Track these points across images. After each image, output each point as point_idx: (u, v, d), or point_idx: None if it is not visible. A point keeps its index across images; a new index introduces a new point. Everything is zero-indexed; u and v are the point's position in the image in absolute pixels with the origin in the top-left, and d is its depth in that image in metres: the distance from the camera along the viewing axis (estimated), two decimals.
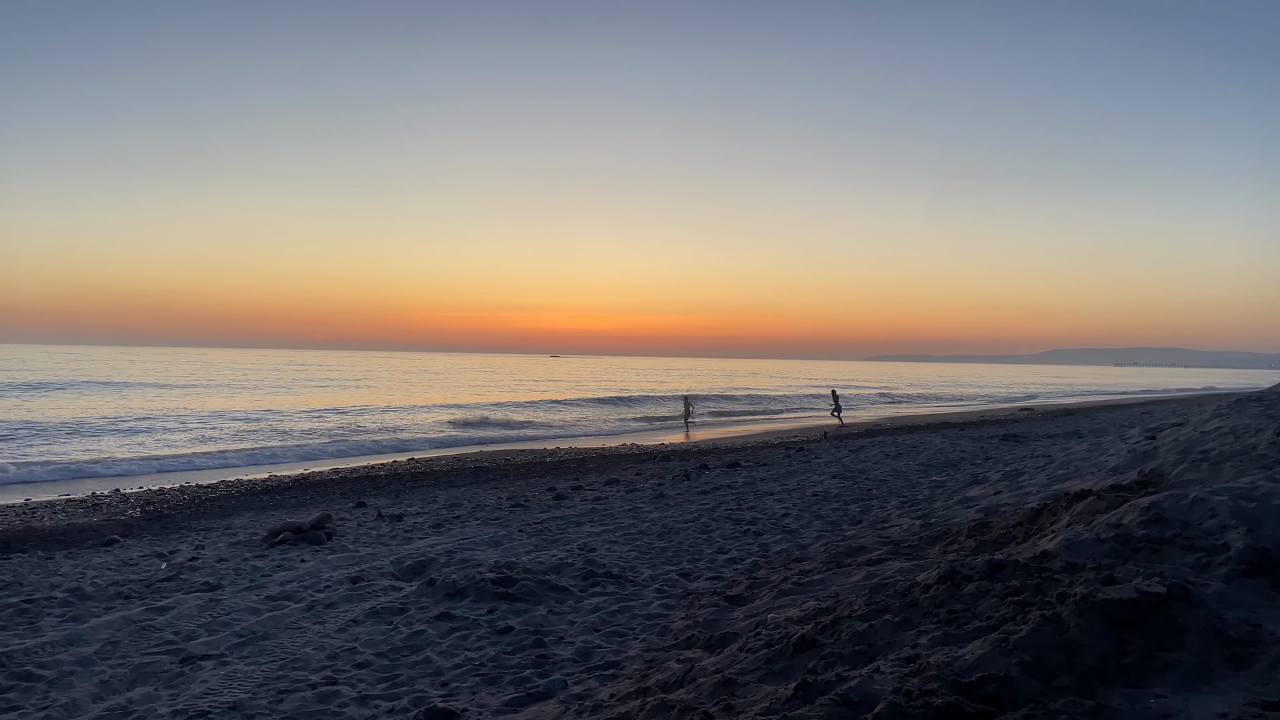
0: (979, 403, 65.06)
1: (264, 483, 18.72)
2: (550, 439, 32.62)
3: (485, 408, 46.48)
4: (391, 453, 26.92)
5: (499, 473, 19.83)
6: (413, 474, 19.97)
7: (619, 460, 22.47)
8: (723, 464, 18.11)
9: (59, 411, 35.94)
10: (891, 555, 7.20)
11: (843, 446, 21.47)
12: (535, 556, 8.63)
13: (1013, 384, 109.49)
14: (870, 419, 43.39)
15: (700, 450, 24.87)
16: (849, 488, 13.02)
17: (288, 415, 39.19)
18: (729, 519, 10.66)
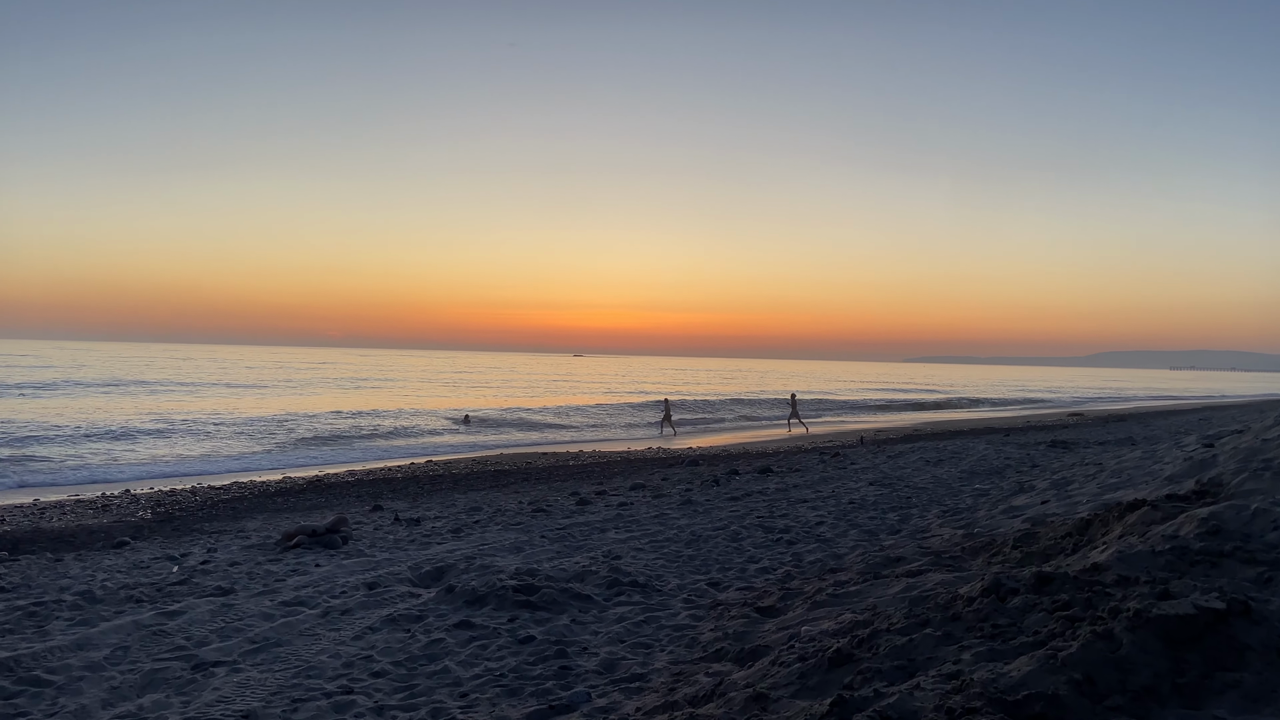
0: (1025, 407, 64.43)
1: (277, 484, 18.92)
2: (573, 442, 32.70)
3: (506, 409, 46.69)
4: (409, 455, 27.11)
5: (519, 476, 19.91)
6: (431, 477, 20.10)
7: (645, 464, 22.47)
8: (754, 469, 18.07)
9: (68, 411, 36.55)
10: (932, 566, 7.15)
11: (880, 452, 21.35)
12: (558, 563, 8.66)
13: (1061, 387, 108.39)
14: (909, 424, 43.09)
15: (730, 455, 24.83)
16: (887, 495, 12.94)
17: (302, 415, 39.57)
18: (760, 527, 10.63)
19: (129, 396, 46.86)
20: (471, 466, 22.48)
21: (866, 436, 31.20)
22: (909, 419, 48.68)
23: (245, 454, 25.62)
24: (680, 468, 20.16)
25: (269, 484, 19.04)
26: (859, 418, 50.92)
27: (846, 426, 41.48)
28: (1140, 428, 28.08)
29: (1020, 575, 4.92)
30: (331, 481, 19.43)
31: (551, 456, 25.39)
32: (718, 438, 35.59)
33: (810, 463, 19.45)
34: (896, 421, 46.03)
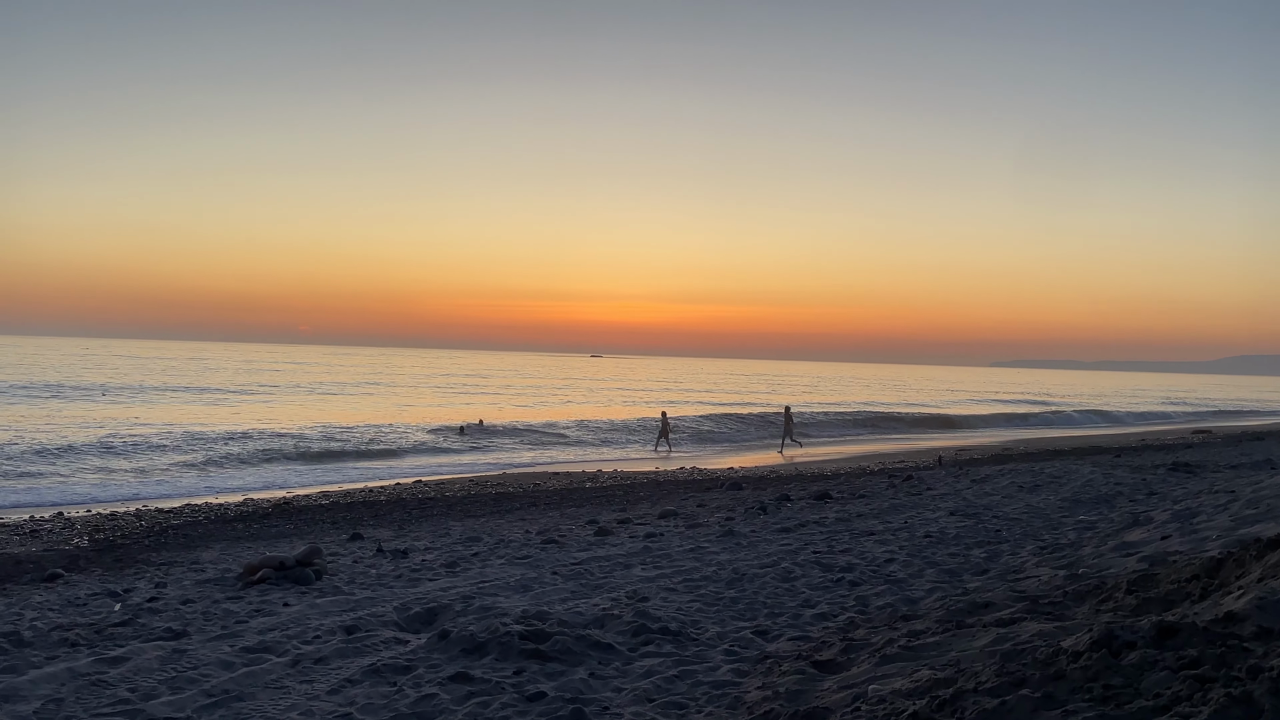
0: (1139, 422, 63.88)
1: (238, 508, 19.09)
2: (590, 460, 32.76)
3: (510, 420, 46.86)
4: (394, 474, 27.25)
5: (527, 500, 19.97)
6: (420, 500, 20.20)
7: (676, 487, 22.46)
8: (809, 494, 18.02)
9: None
10: (1028, 614, 7.09)
11: (962, 476, 21.23)
12: (573, 605, 8.66)
13: (1183, 398, 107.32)
14: (998, 441, 42.82)
15: (780, 477, 24.77)
16: (971, 528, 12.86)
17: (267, 426, 39.90)
18: (817, 564, 10.59)
19: (58, 401, 47.43)
20: (469, 488, 22.57)
21: (945, 456, 31.05)
22: (996, 437, 48.35)
23: (199, 472, 25.87)
24: (719, 492, 20.14)
25: (228, 507, 19.22)
26: (929, 435, 50.74)
27: (920, 444, 41.31)
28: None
29: (1137, 626, 4.87)
30: (302, 505, 19.58)
31: (564, 477, 25.45)
32: (761, 455, 35.54)
33: (877, 487, 19.36)
34: (981, 439, 45.75)
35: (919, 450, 36.61)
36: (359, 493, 21.74)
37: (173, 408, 47.64)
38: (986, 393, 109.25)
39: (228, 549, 14.18)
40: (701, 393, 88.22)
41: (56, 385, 58.24)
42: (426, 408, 55.98)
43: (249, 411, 47.19)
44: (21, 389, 53.33)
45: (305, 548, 11.10)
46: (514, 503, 19.56)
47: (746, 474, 26.10)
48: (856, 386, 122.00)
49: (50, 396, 50.01)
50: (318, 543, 13.52)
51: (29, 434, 31.62)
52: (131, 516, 17.75)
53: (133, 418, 40.73)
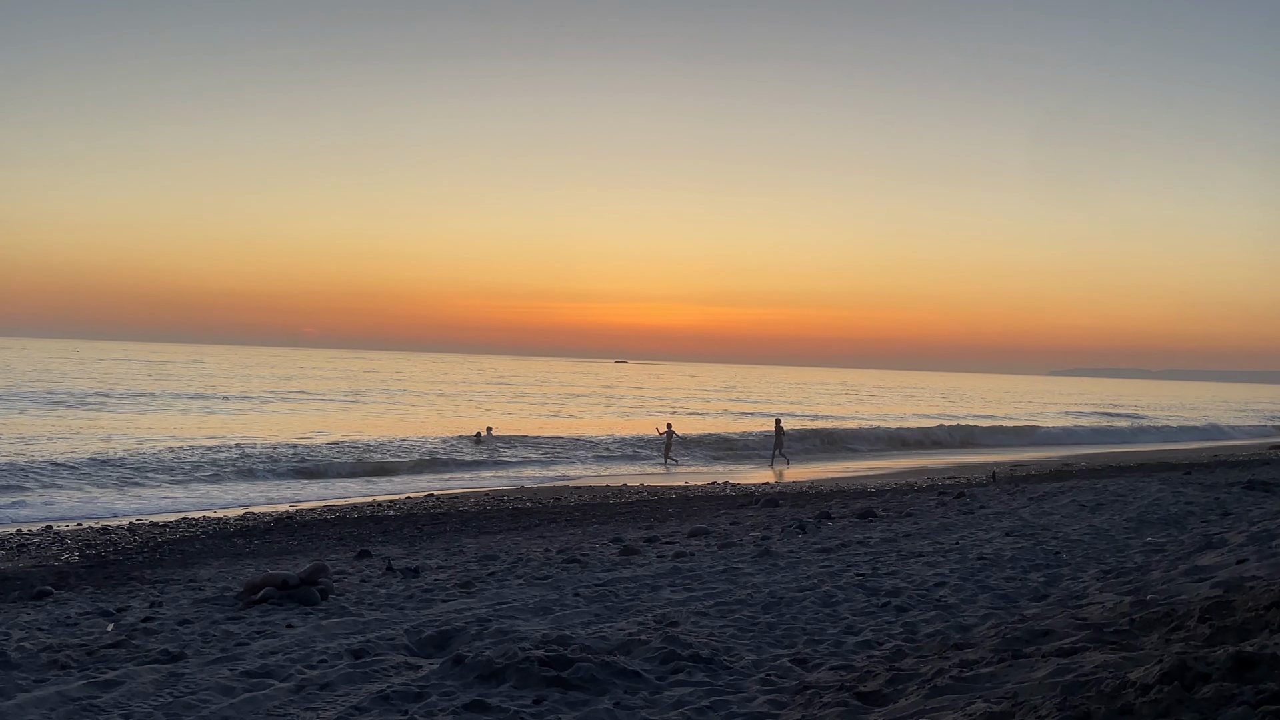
0: (1211, 436, 63.25)
1: (237, 522, 19.22)
2: (614, 474, 32.76)
3: (529, 430, 46.95)
4: (404, 486, 27.35)
5: (546, 516, 20.00)
6: (432, 515, 20.27)
7: (708, 504, 22.43)
8: (851, 512, 17.95)
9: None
10: (1091, 643, 7.04)
11: (1019, 493, 21.09)
12: (597, 629, 8.66)
13: (1260, 409, 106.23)
14: (1057, 456, 42.55)
15: (819, 493, 24.69)
16: (1028, 549, 12.77)
17: (268, 435, 40.16)
18: (860, 587, 10.54)
19: (45, 407, 47.87)
20: (484, 503, 22.62)
21: (1000, 472, 30.87)
22: (1056, 452, 48.04)
23: (197, 484, 26.04)
24: (754, 509, 20.10)
25: (227, 521, 19.34)
26: (981, 450, 50.49)
27: (972, 459, 41.08)
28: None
29: (1212, 657, 4.82)
30: (306, 519, 19.68)
31: (587, 492, 25.47)
32: (799, 470, 35.43)
33: (926, 505, 19.27)
34: (1039, 454, 45.46)
35: (971, 465, 36.40)
36: (367, 507, 21.84)
37: (168, 416, 48.01)
38: (1048, 402, 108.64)
39: (227, 566, 14.27)
40: (732, 402, 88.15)
41: (50, 391, 58.86)
42: (439, 416, 56.20)
43: (250, 420, 47.51)
44: (14, 396, 53.83)
45: (310, 565, 11.14)
46: (533, 519, 19.59)
47: (783, 490, 26.05)
48: (903, 397, 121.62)
49: (51, 405, 50.53)
50: (323, 560, 13.58)
51: (19, 443, 31.97)
52: (125, 531, 17.90)
53: (129, 425, 41.08)
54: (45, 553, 15.60)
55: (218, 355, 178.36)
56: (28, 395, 54.21)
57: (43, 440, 33.80)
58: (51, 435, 35.84)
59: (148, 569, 14.10)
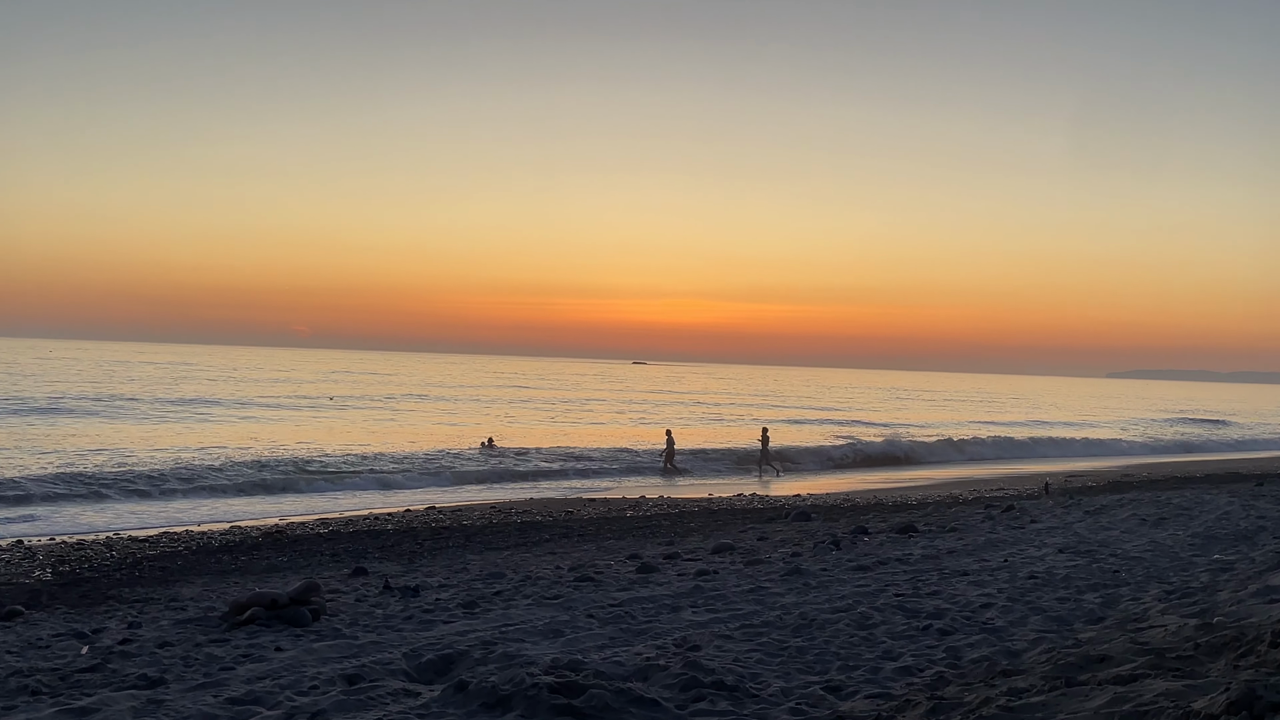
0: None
1: (223, 537, 19.29)
2: (631, 483, 32.77)
3: (538, 438, 47.01)
4: (402, 498, 27.41)
5: (557, 530, 20.02)
6: (433, 529, 20.31)
7: (733, 517, 22.42)
8: (890, 527, 17.92)
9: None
10: (1151, 670, 7.01)
11: (1073, 506, 21.01)
12: (611, 654, 8.66)
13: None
14: (1116, 467, 42.39)
15: (855, 506, 24.65)
16: (1084, 567, 12.72)
17: (256, 442, 40.33)
18: (899, 608, 10.52)
19: (9, 414, 48.04)
20: (489, 515, 22.65)
21: (1052, 483, 30.76)
22: (1113, 462, 47.89)
23: (179, 495, 26.16)
24: (784, 523, 20.08)
25: (211, 536, 19.42)
26: (1031, 460, 50.35)
27: (1021, 469, 40.97)
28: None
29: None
30: (297, 534, 19.75)
31: (602, 504, 25.49)
32: (836, 479, 35.39)
33: (971, 519, 19.22)
34: (1095, 463, 45.30)
35: (1020, 476, 36.30)
36: (362, 520, 21.90)
37: (149, 423, 48.24)
38: (1106, 409, 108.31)
39: (211, 584, 14.32)
40: (762, 408, 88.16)
41: (50, 399, 59.24)
42: (438, 422, 56.33)
43: (235, 428, 47.71)
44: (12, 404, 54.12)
45: (301, 583, 11.19)
46: (543, 533, 19.61)
47: (816, 502, 26.00)
48: (948, 402, 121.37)
49: (44, 404, 50.85)
50: (315, 578, 13.62)
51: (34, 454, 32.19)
52: (101, 546, 17.99)
53: (103, 432, 41.31)
54: (15, 569, 15.69)
55: (201, 356, 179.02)
56: (25, 402, 54.55)
57: (17, 446, 34.04)
58: (16, 440, 36.09)
59: (125, 587, 14.17)
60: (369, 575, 14.24)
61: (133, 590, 13.84)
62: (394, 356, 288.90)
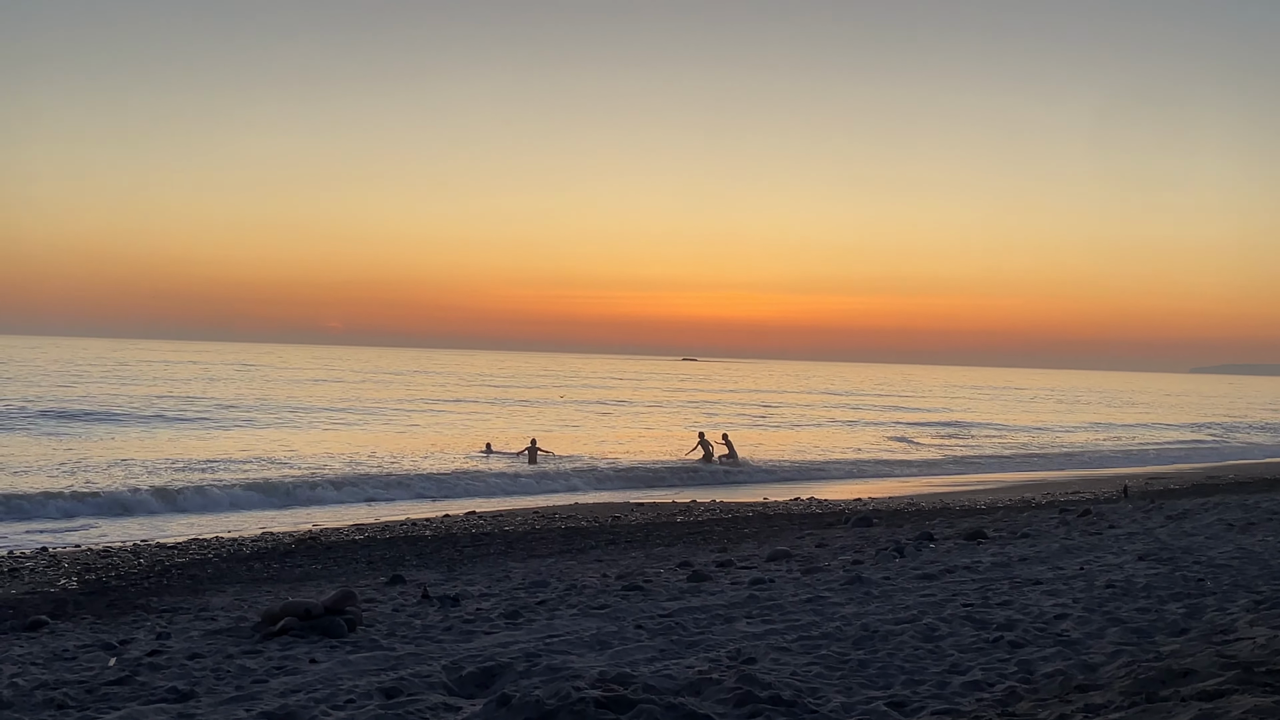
0: None
1: (253, 543, 19.48)
2: (682, 486, 32.78)
3: (583, 440, 47.11)
4: (441, 502, 27.59)
5: (603, 537, 20.05)
6: (473, 535, 20.41)
7: (790, 522, 22.38)
8: (957, 533, 17.81)
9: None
10: (1239, 685, 6.94)
11: (1154, 510, 20.81)
12: (662, 667, 8.67)
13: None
14: (1200, 468, 41.94)
15: (920, 511, 24.53)
16: (1166, 576, 12.59)
17: (288, 444, 40.71)
18: (968, 619, 10.46)
19: (32, 422, 48.63)
20: (532, 521, 22.74)
21: (1131, 485, 30.48)
22: (1197, 463, 47.39)
23: (208, 500, 26.43)
24: (844, 528, 20.02)
25: (242, 542, 19.61)
26: (1107, 462, 50.01)
27: (1097, 471, 40.63)
28: None
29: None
30: (331, 540, 19.91)
31: (650, 509, 25.51)
32: (899, 482, 35.23)
33: (1045, 524, 19.07)
34: (1177, 465, 44.84)
35: (1097, 478, 35.99)
36: (399, 526, 22.03)
37: (177, 425, 48.75)
38: (1181, 406, 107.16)
39: (243, 593, 14.46)
40: (820, 409, 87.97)
41: (68, 405, 60.05)
42: (480, 420, 56.57)
43: (262, 431, 48.10)
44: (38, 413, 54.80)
45: (336, 592, 11.27)
46: (588, 540, 19.66)
47: (878, 507, 25.89)
48: (1015, 399, 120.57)
49: (62, 406, 51.53)
50: (351, 586, 13.72)
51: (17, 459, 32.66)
52: (128, 553, 18.21)
53: (129, 440, 41.85)
54: (40, 578, 15.92)
55: (223, 353, 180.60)
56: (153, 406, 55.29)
57: (32, 449, 34.54)
58: (41, 446, 36.62)
59: (154, 596, 14.34)
60: (407, 583, 14.33)
61: (161, 599, 14.01)
62: (435, 354, 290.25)
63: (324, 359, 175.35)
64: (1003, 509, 24.05)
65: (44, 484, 26.79)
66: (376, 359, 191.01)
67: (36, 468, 30.20)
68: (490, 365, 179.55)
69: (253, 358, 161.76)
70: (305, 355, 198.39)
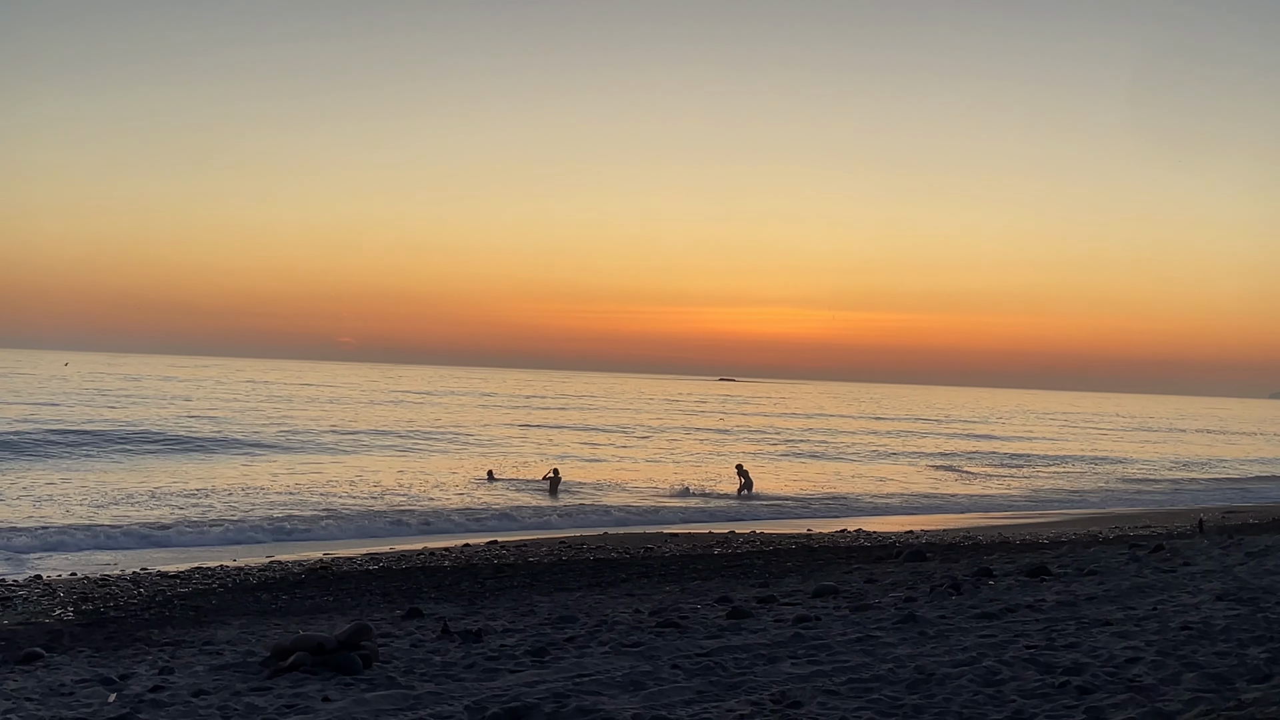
0: None
1: (261, 572, 19.54)
2: (719, 518, 32.73)
3: (610, 467, 47.13)
4: (461, 531, 27.64)
5: (636, 569, 20.03)
6: (496, 566, 20.42)
7: (836, 556, 22.29)
8: (1018, 569, 17.70)
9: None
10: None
11: (1234, 546, 20.62)
12: (700, 709, 8.65)
13: None
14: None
15: (977, 545, 24.41)
16: (1246, 618, 12.48)
17: (297, 469, 40.89)
18: (1032, 662, 10.39)
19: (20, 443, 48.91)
20: (559, 552, 22.73)
21: (1207, 520, 30.23)
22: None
23: (212, 527, 26.55)
24: (895, 563, 19.93)
25: (249, 571, 19.68)
26: (1178, 495, 49.72)
27: (1174, 505, 40.37)
28: None
29: None
30: (344, 570, 19.96)
31: (685, 540, 25.47)
32: (954, 515, 35.06)
33: (1113, 560, 18.94)
34: (1257, 499, 44.52)
35: (1169, 512, 35.76)
36: (416, 555, 22.07)
37: (178, 447, 49.02)
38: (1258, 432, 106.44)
39: (250, 625, 14.50)
40: (867, 435, 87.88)
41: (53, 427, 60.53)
42: (501, 444, 56.67)
43: (271, 456, 48.28)
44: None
45: (350, 626, 11.29)
46: (619, 572, 19.65)
47: (931, 539, 25.78)
48: (1079, 425, 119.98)
49: (50, 429, 51.95)
50: (365, 620, 13.75)
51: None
52: (127, 582, 18.27)
53: (128, 466, 42.14)
54: (34, 607, 15.99)
55: (227, 370, 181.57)
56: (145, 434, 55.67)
57: (21, 470, 34.82)
58: (34, 471, 36.90)
59: (155, 628, 14.39)
60: (425, 617, 14.34)
61: (163, 632, 14.05)
62: (457, 371, 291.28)
63: (343, 376, 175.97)
64: (1067, 544, 23.90)
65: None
66: (398, 377, 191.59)
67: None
68: (521, 384, 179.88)
69: (260, 374, 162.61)
70: (322, 373, 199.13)
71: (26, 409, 64.24)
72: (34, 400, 74.27)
